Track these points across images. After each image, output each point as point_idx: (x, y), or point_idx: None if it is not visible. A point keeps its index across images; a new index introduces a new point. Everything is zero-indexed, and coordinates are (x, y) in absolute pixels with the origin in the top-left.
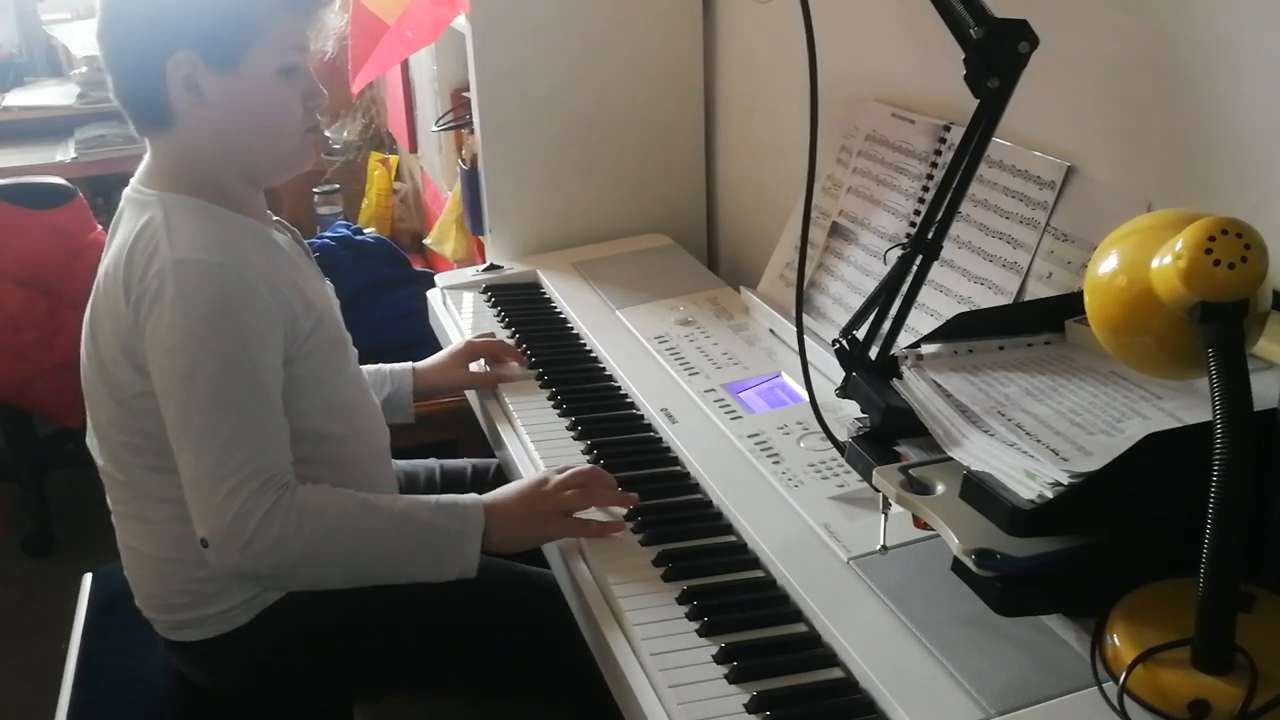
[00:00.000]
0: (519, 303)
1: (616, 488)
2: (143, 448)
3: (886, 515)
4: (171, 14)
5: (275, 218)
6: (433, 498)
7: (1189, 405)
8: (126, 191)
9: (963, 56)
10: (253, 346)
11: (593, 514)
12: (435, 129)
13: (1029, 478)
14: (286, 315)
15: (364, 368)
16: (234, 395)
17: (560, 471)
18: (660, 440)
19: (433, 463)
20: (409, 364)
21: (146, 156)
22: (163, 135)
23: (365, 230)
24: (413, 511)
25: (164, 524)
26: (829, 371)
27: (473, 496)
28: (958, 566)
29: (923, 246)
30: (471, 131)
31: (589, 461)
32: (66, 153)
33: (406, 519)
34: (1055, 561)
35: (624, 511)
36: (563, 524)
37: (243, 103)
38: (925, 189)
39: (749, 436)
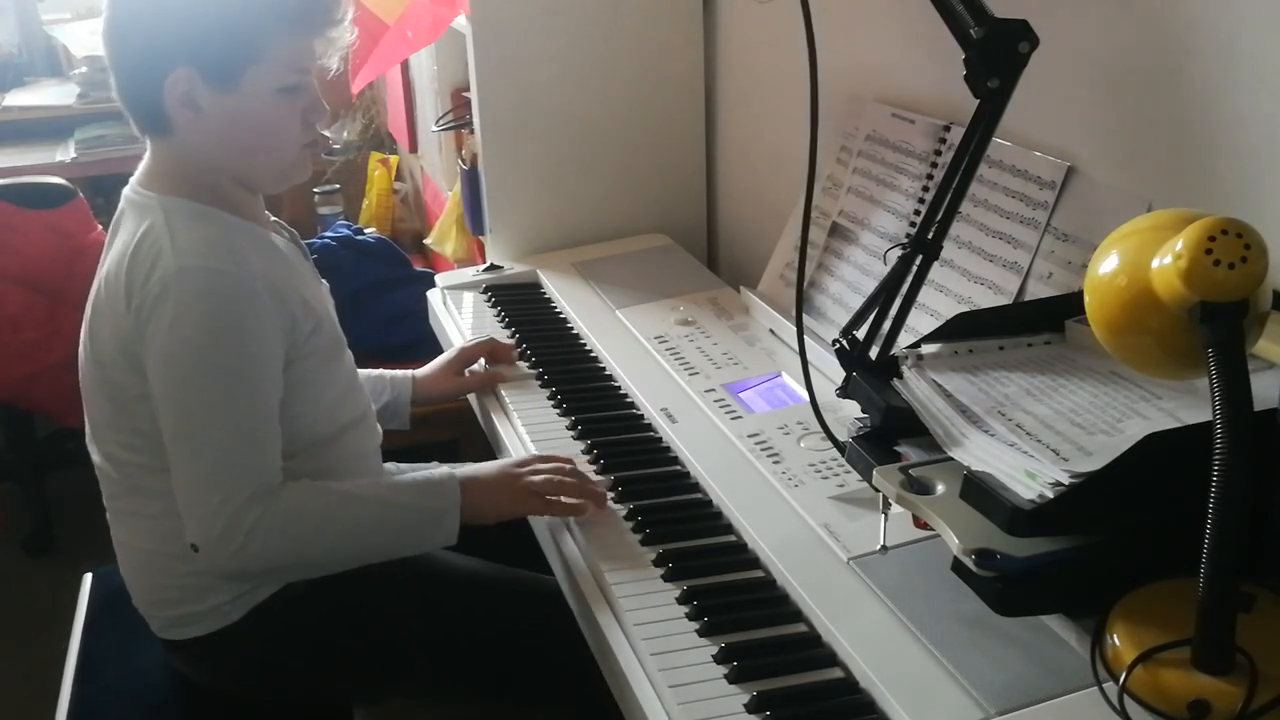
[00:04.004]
0: (519, 303)
1: (589, 483)
2: (139, 447)
3: (886, 515)
4: (173, 30)
5: (273, 218)
6: (409, 477)
7: (1189, 405)
8: (126, 192)
9: (963, 56)
10: (252, 355)
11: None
12: (435, 129)
13: (1029, 478)
14: (286, 320)
15: (364, 372)
16: (230, 405)
17: (542, 459)
18: (660, 440)
19: (435, 466)
20: (409, 372)
21: (146, 156)
22: (162, 139)
23: (366, 230)
24: (393, 497)
25: (156, 519)
26: (829, 371)
27: (447, 471)
28: (958, 566)
29: (923, 246)
30: (471, 131)
31: (589, 461)
32: (66, 153)
33: (387, 505)
34: (1055, 561)
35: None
36: (534, 501)
37: (240, 120)
38: (925, 189)
39: (749, 436)
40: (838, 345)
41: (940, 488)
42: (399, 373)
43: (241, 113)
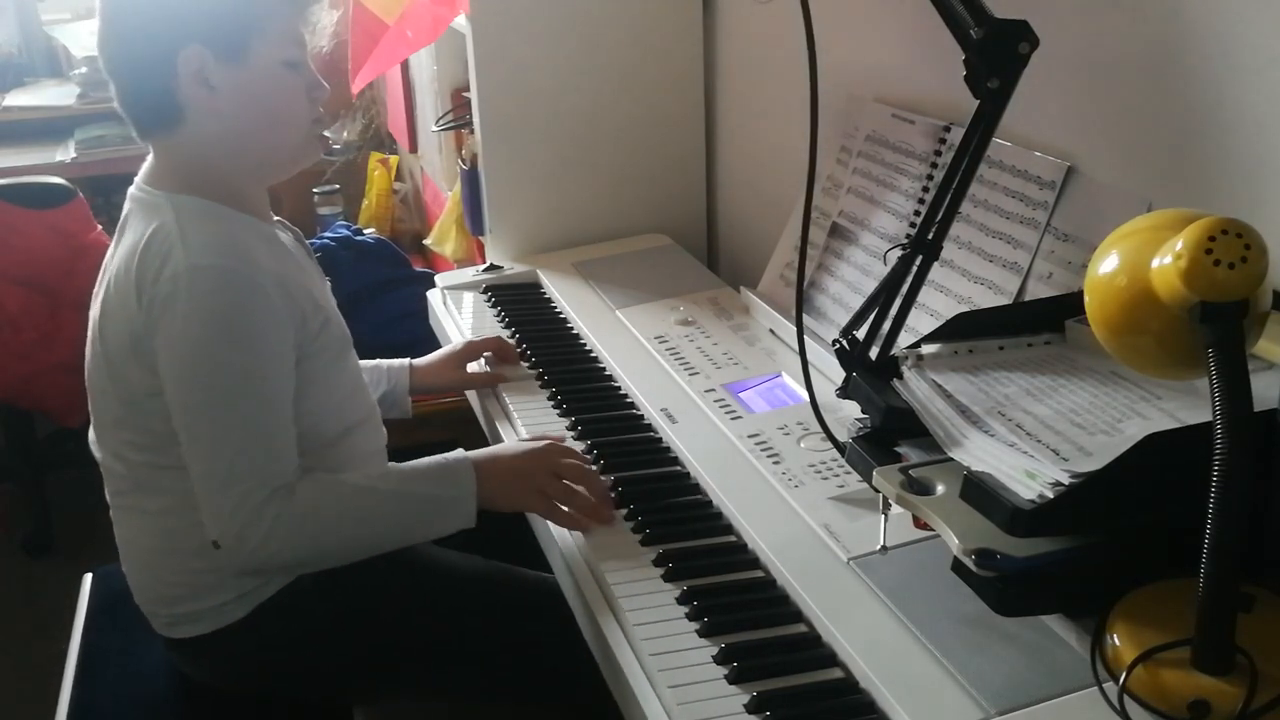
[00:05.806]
0: (519, 303)
1: (606, 499)
2: (146, 445)
3: (886, 515)
4: (177, 10)
5: (277, 218)
6: (424, 463)
7: (1189, 405)
8: (132, 191)
9: (963, 57)
10: (264, 352)
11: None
12: (435, 129)
13: (1029, 478)
14: (296, 317)
15: (361, 363)
16: (244, 402)
17: (562, 453)
18: (660, 440)
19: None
20: (406, 360)
21: (150, 158)
22: (168, 137)
23: (365, 231)
24: (409, 486)
25: (161, 515)
26: (829, 371)
27: (462, 456)
28: (958, 566)
29: (923, 247)
30: (471, 131)
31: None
32: (66, 153)
33: (404, 497)
34: (1055, 561)
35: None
36: (540, 502)
37: (253, 94)
38: (925, 189)
39: (749, 436)
40: (838, 345)
41: (940, 488)
42: (395, 361)
43: (253, 87)
